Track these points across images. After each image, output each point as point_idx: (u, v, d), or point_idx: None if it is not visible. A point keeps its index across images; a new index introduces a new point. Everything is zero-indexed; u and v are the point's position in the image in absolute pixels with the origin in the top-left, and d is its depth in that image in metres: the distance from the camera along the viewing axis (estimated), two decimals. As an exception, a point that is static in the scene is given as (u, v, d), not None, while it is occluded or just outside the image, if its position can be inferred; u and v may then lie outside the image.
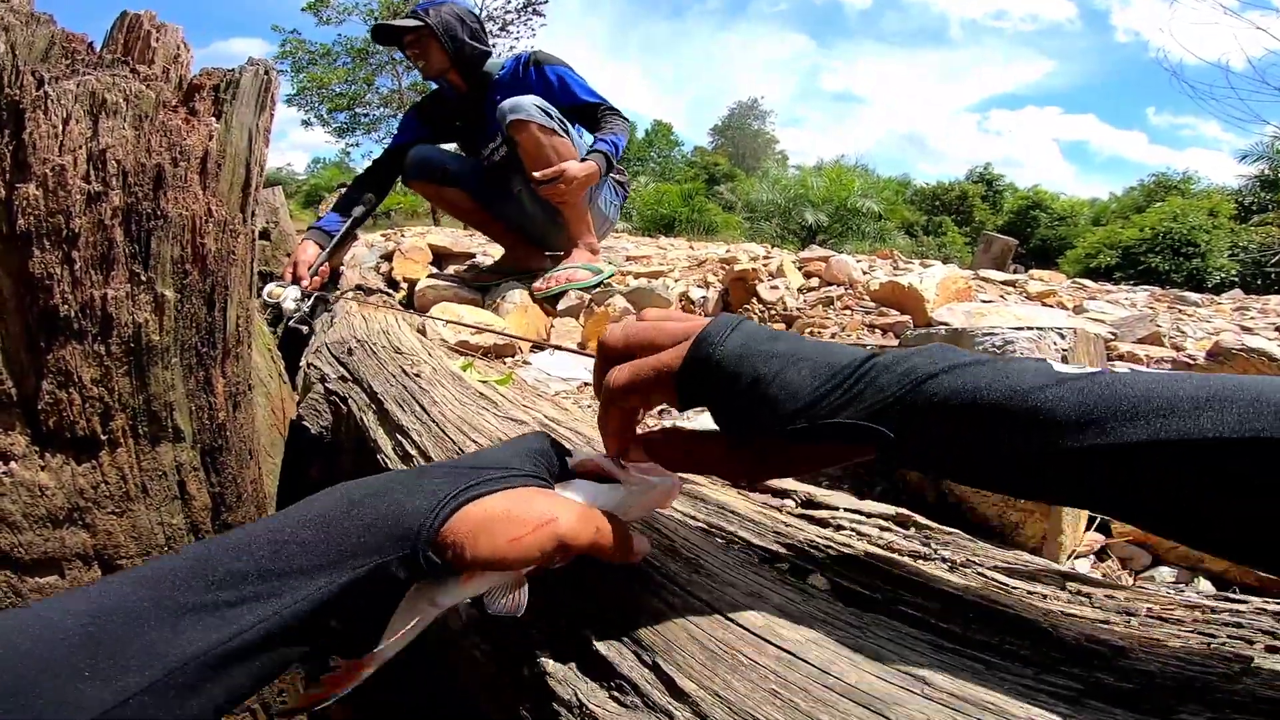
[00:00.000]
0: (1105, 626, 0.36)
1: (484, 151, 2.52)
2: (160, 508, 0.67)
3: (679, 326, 0.42)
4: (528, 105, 2.15)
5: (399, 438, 0.76)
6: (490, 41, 2.53)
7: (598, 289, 2.26)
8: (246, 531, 0.32)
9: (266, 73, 0.67)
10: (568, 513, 0.38)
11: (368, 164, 2.66)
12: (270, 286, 1.74)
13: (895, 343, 1.50)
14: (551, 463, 0.43)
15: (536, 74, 2.38)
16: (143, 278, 0.57)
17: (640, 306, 2.25)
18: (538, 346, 1.86)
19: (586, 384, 1.21)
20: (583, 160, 2.23)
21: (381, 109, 15.55)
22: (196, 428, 0.69)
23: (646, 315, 0.44)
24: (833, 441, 0.37)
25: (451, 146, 2.71)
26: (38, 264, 0.52)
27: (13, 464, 0.59)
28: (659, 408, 0.45)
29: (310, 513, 0.34)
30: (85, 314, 0.55)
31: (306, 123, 15.49)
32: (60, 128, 0.51)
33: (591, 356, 1.33)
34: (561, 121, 2.24)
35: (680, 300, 2.40)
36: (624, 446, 0.44)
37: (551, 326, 2.14)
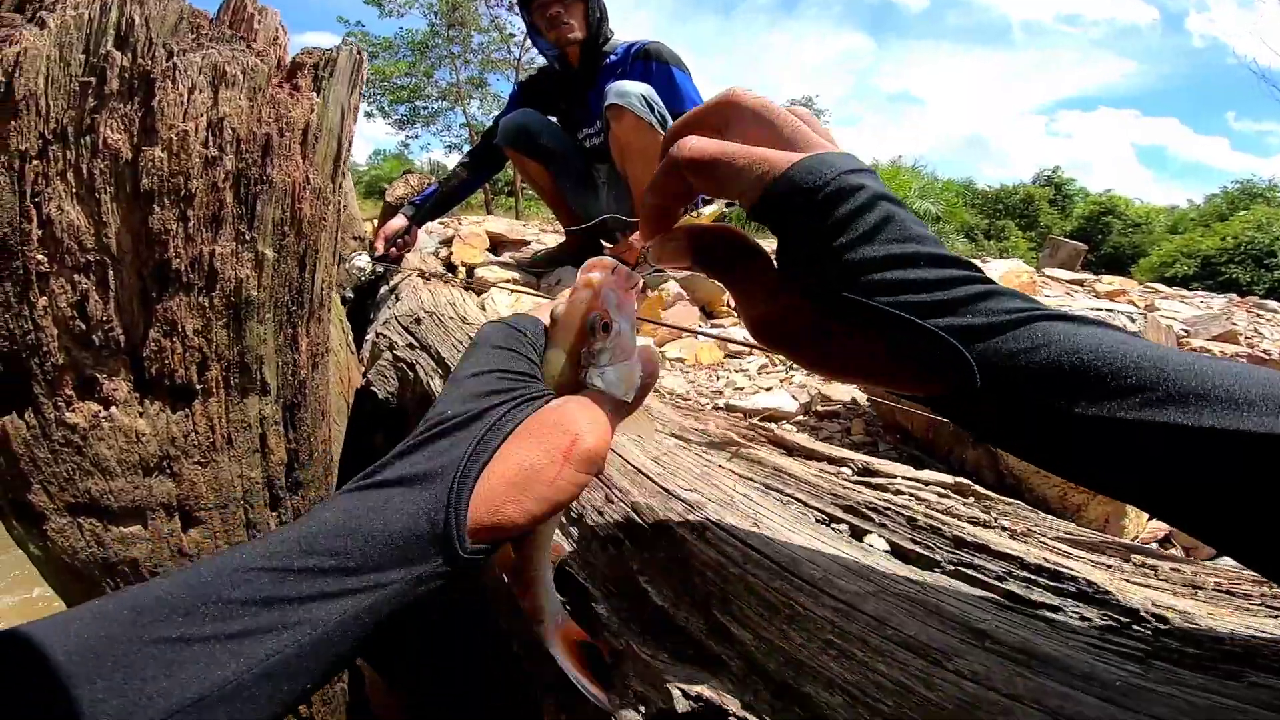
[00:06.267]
0: (1172, 596, 0.36)
1: (579, 136, 2.51)
2: (242, 460, 0.71)
3: (810, 135, 0.34)
4: (632, 93, 2.12)
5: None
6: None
7: (652, 274, 2.27)
8: (234, 557, 0.28)
9: (358, 53, 0.72)
10: (587, 421, 0.33)
11: (430, 152, 2.72)
12: (353, 258, 1.92)
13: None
14: (526, 346, 0.38)
15: (643, 67, 2.31)
16: (247, 237, 0.62)
17: (695, 292, 2.27)
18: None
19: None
20: None
21: (440, 102, 15.89)
22: (280, 383, 0.73)
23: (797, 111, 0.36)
24: (898, 341, 0.31)
25: None
26: (157, 220, 0.57)
27: (113, 409, 0.63)
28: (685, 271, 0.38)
29: (309, 531, 0.30)
30: (194, 268, 0.60)
31: (369, 114, 15.95)
32: (185, 96, 0.56)
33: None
34: (662, 117, 2.18)
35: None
36: (660, 231, 0.38)
37: (605, 308, 2.18)
